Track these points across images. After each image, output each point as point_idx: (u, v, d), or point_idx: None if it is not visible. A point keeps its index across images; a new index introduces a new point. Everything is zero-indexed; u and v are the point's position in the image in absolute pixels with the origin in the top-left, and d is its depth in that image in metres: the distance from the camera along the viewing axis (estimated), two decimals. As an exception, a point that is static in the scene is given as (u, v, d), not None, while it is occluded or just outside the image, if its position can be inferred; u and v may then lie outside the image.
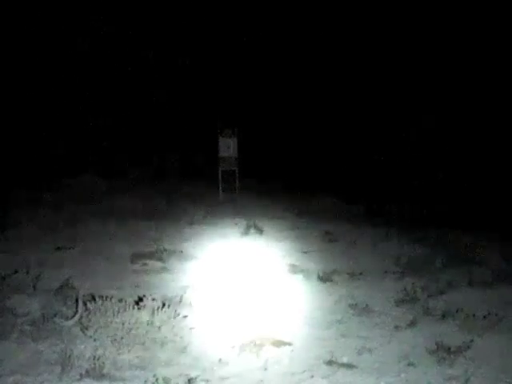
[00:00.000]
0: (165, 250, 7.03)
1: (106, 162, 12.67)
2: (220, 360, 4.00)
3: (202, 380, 3.69)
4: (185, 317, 4.50)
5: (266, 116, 15.14)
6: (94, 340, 4.14)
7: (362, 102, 14.38)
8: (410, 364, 4.00)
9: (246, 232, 8.43)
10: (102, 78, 13.78)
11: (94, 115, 13.65)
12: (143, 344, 4.07)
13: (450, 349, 4.13)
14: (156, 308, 4.27)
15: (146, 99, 14.41)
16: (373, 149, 13.80)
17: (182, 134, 14.26)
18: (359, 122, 14.32)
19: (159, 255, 6.82)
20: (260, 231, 8.47)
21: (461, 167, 12.15)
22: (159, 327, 4.16)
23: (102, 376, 3.64)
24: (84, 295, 4.88)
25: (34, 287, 5.29)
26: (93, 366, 3.70)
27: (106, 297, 4.42)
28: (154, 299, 4.43)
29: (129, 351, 4.02)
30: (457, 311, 4.95)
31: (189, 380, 3.65)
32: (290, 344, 4.31)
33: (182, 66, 14.78)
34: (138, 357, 3.97)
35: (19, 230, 7.62)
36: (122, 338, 4.07)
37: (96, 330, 4.17)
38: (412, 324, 4.76)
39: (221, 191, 12.34)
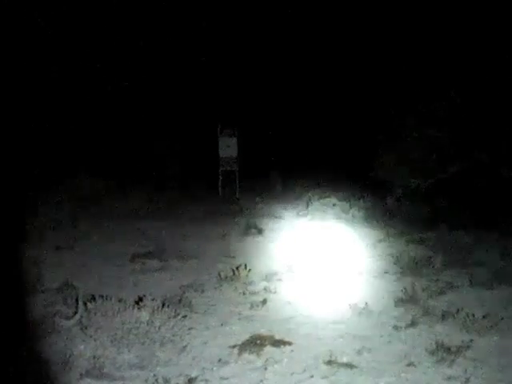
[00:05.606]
0: (164, 249, 7.04)
1: (105, 162, 12.67)
2: (220, 360, 4.00)
3: (202, 380, 3.69)
4: (184, 316, 4.50)
5: (266, 115, 15.13)
6: (94, 340, 4.13)
7: (361, 99, 14.27)
8: (409, 364, 4.00)
9: (245, 231, 8.44)
10: (101, 76, 13.75)
11: (93, 114, 13.63)
12: (143, 344, 4.07)
13: (449, 349, 4.13)
14: (156, 308, 4.28)
15: (145, 98, 14.39)
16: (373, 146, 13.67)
17: (181, 133, 14.25)
18: (358, 121, 14.25)
19: (159, 254, 6.83)
20: (260, 231, 8.48)
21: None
22: (159, 327, 4.16)
23: (101, 375, 3.64)
24: (84, 295, 4.88)
25: (34, 287, 5.29)
26: (93, 365, 3.70)
27: (106, 296, 4.43)
28: (153, 299, 4.44)
29: (129, 351, 4.02)
30: (457, 311, 4.95)
31: (189, 380, 3.66)
32: (289, 344, 4.32)
33: (182, 66, 14.76)
34: (137, 356, 3.97)
35: (19, 230, 7.62)
36: (121, 337, 4.07)
37: (96, 330, 4.17)
38: (412, 324, 4.76)
39: (220, 191, 12.35)
